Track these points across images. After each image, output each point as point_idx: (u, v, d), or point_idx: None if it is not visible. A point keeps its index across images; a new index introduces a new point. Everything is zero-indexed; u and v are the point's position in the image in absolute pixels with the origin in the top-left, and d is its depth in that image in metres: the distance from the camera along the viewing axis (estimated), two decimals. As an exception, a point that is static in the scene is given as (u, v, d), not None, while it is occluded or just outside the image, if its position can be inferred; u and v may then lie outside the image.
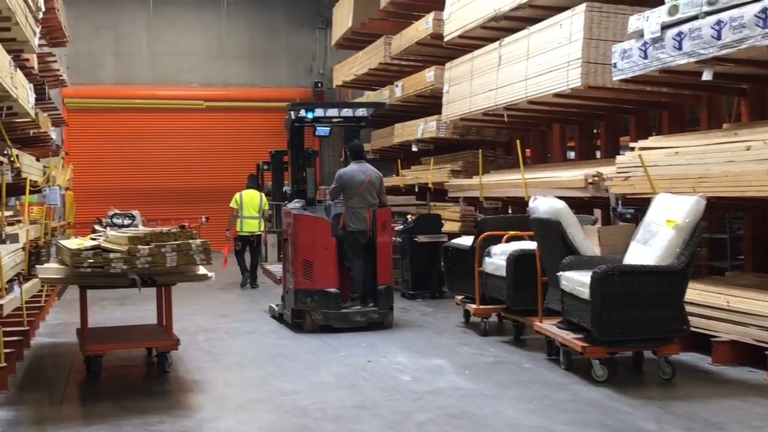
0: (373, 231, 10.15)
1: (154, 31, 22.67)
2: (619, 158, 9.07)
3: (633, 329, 6.98)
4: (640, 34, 8.03)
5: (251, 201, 14.62)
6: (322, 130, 11.35)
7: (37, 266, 8.80)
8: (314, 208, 10.82)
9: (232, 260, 15.06)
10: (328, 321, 9.95)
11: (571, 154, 13.84)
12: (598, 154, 12.49)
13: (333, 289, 9.98)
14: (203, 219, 17.57)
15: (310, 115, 10.83)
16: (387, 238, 10.41)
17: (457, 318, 10.57)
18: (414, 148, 15.94)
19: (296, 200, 10.73)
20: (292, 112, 10.97)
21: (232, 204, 14.71)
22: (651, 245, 7.09)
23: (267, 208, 14.55)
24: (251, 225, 14.60)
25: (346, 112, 11.10)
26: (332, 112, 11.02)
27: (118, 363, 8.35)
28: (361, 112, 11.10)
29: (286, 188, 11.90)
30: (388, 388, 7.13)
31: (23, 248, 8.92)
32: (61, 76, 13.47)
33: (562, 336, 7.55)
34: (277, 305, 11.09)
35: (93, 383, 7.56)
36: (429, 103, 14.93)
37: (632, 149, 9.06)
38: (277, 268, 11.88)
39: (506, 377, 7.46)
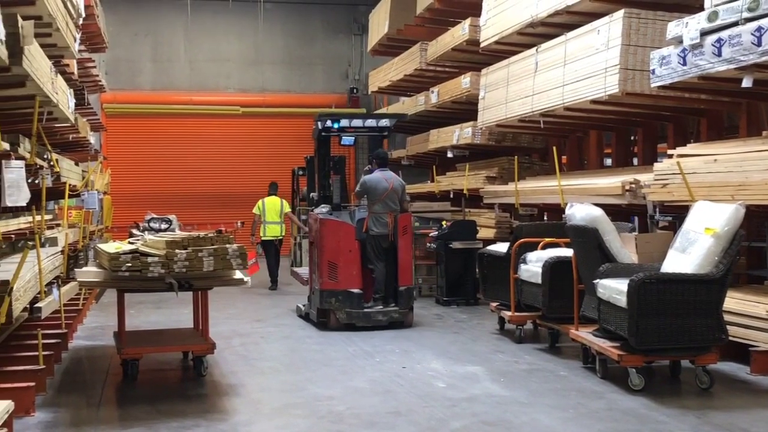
0: (394, 235, 10.64)
1: (192, 37, 22.87)
2: (656, 165, 9.01)
3: (670, 338, 6.91)
4: (679, 41, 7.97)
5: (273, 207, 15.39)
6: (347, 139, 11.92)
7: (75, 270, 8.89)
8: (339, 213, 11.28)
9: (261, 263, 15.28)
10: (351, 320, 10.45)
11: (608, 161, 13.75)
12: (635, 161, 12.40)
13: (356, 290, 10.49)
14: (239, 224, 17.79)
15: (335, 126, 11.48)
16: (408, 242, 10.83)
17: (491, 325, 10.53)
18: (449, 154, 15.91)
19: (322, 205, 11.30)
20: (319, 122, 11.53)
21: (255, 210, 15.47)
22: (689, 253, 7.02)
23: (288, 211, 15.33)
24: (273, 230, 15.37)
25: (371, 122, 11.84)
26: (357, 122, 11.73)
27: (155, 366, 8.41)
28: (384, 122, 11.81)
29: (313, 194, 12.36)
30: (422, 394, 7.13)
31: (62, 252, 9.03)
32: (100, 81, 13.61)
33: (598, 344, 7.50)
34: (303, 305, 11.58)
35: (130, 386, 7.62)
36: (464, 110, 14.91)
37: (670, 156, 8.99)
38: (304, 270, 12.36)
39: (541, 385, 7.42)
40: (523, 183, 12.59)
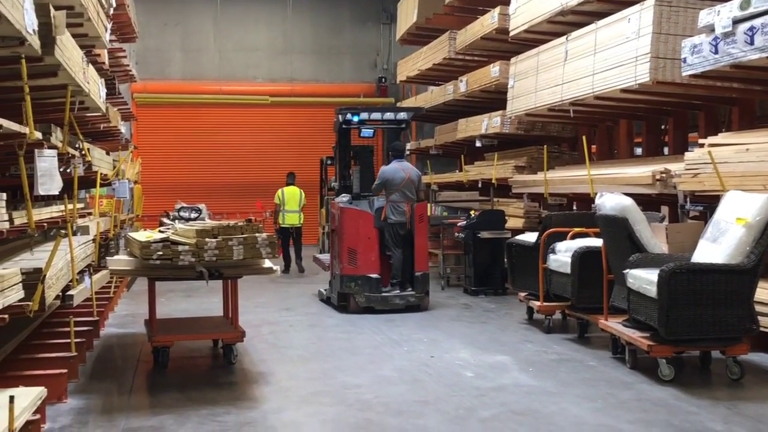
0: (411, 223, 11.23)
1: (221, 27, 22.93)
2: (687, 155, 8.94)
3: (701, 328, 6.88)
4: (710, 29, 7.89)
5: (292, 196, 16.33)
6: (367, 131, 12.48)
7: (107, 258, 8.97)
8: (359, 202, 11.78)
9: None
10: (370, 303, 11.04)
11: (638, 150, 13.65)
12: (665, 150, 12.31)
13: (375, 275, 11.12)
14: (268, 213, 17.95)
15: (355, 118, 12.05)
16: (424, 230, 11.44)
17: (520, 315, 10.52)
18: (478, 144, 15.86)
19: (343, 195, 11.85)
20: (339, 115, 12.10)
21: (275, 200, 16.42)
22: (720, 243, 6.97)
23: (305, 203, 16.48)
24: (292, 218, 16.31)
25: (389, 115, 12.30)
26: (376, 115, 12.25)
27: (185, 354, 8.48)
28: (402, 115, 12.39)
29: (334, 184, 12.73)
30: (450, 383, 7.14)
31: (94, 240, 9.11)
32: (130, 71, 13.69)
33: (627, 334, 7.47)
34: (325, 290, 12.10)
35: (160, 373, 7.69)
36: (493, 99, 14.86)
37: (701, 146, 8.92)
38: (326, 257, 12.88)
39: (570, 375, 7.40)
40: (552, 172, 12.54)
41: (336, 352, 8.59)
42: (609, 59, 9.82)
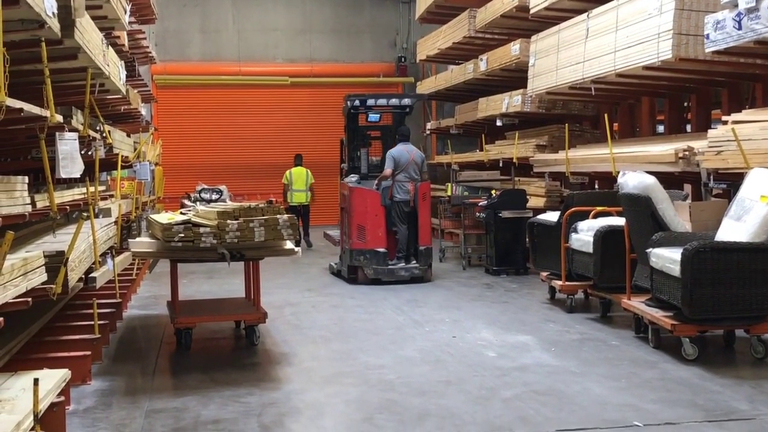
0: (415, 201, 12.10)
1: (240, 7, 22.88)
2: (711, 132, 8.84)
3: (725, 307, 6.84)
4: (734, 5, 7.78)
5: (299, 177, 17.50)
6: (374, 116, 13.50)
7: (129, 240, 9.01)
8: (367, 182, 12.70)
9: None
10: (378, 275, 11.93)
11: (660, 128, 13.54)
12: (688, 128, 12.20)
13: (382, 249, 12.03)
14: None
15: (361, 104, 13.08)
16: (427, 207, 12.31)
17: (542, 294, 10.49)
18: (498, 123, 15.78)
19: (351, 175, 12.84)
20: (348, 102, 13.06)
21: (284, 180, 17.63)
22: (744, 221, 6.91)
23: (313, 181, 17.50)
24: (299, 197, 17.46)
25: (394, 101, 13.39)
26: (382, 101, 13.30)
27: (208, 335, 8.52)
28: (406, 101, 13.44)
29: (343, 165, 13.62)
30: (473, 363, 7.13)
31: (115, 222, 9.14)
32: (150, 53, 13.69)
33: (650, 313, 7.43)
34: (335, 263, 13.02)
35: (183, 355, 7.74)
36: (514, 77, 14.77)
37: (725, 123, 8.81)
38: (335, 233, 13.73)
39: (593, 354, 7.38)
40: (574, 151, 12.46)
41: (358, 332, 8.60)
42: (631, 36, 9.72)
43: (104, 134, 8.19)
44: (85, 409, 5.98)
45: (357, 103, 13.05)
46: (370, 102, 13.12)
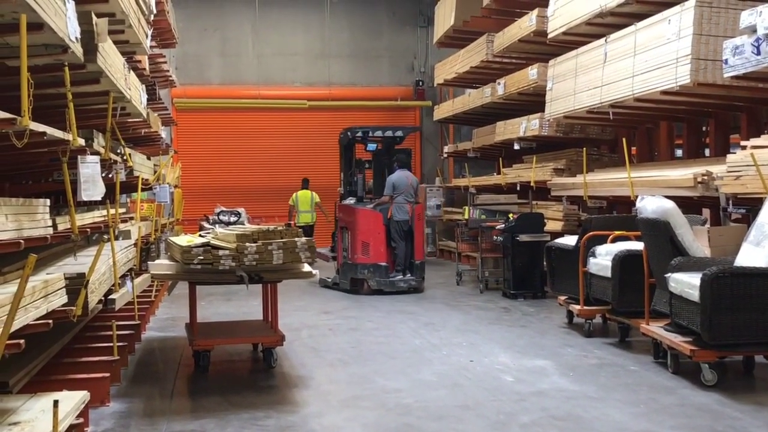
0: (411, 220, 13.62)
1: (260, 32, 23.04)
2: (729, 157, 8.82)
3: (744, 333, 6.79)
4: (752, 30, 7.78)
5: (305, 199, 18.48)
6: (371, 145, 14.97)
7: (148, 262, 9.05)
8: (363, 203, 14.18)
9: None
10: (380, 286, 13.39)
11: (679, 152, 13.51)
12: (707, 152, 12.17)
13: (383, 263, 13.52)
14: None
15: (360, 134, 14.59)
16: (420, 226, 14.02)
17: (559, 318, 10.46)
18: (516, 147, 15.79)
19: (350, 198, 14.42)
20: (348, 133, 14.58)
21: (290, 201, 18.64)
22: (764, 247, 6.88)
23: (318, 201, 18.52)
24: (305, 217, 18.34)
25: (389, 132, 14.73)
26: (378, 132, 14.67)
27: (225, 357, 8.54)
28: (399, 133, 14.85)
29: (340, 189, 15.10)
30: (491, 388, 7.11)
31: (135, 245, 9.19)
32: (170, 76, 13.82)
33: (670, 339, 7.40)
34: (329, 278, 14.28)
35: (201, 377, 7.75)
36: (531, 101, 14.80)
37: (743, 147, 8.79)
38: (324, 250, 14.78)
39: (612, 380, 7.35)
40: (592, 175, 12.45)
41: (375, 356, 8.60)
42: (649, 61, 9.73)
43: (125, 157, 8.26)
44: (104, 431, 6.00)
45: (358, 133, 14.61)
46: (366, 133, 14.64)
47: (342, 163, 15.05)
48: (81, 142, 5.83)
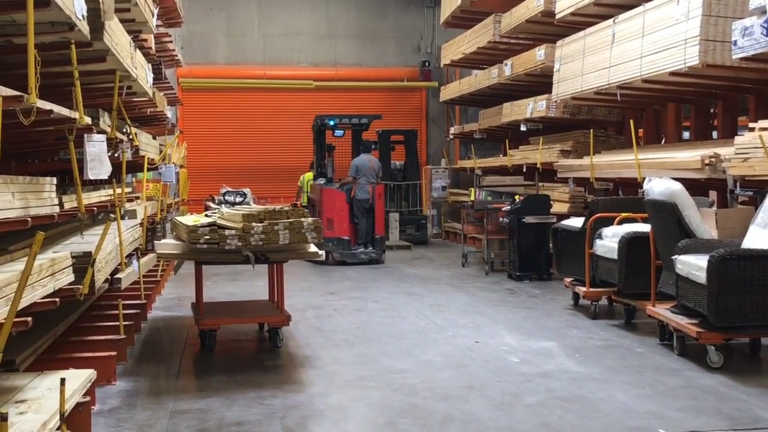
0: (372, 199, 15.12)
1: (265, 11, 22.97)
2: (737, 139, 8.78)
3: (751, 315, 6.79)
4: (762, 11, 7.72)
5: (311, 180, 18.45)
6: (339, 132, 16.91)
7: (154, 242, 9.05)
8: (332, 184, 15.85)
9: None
10: (343, 258, 14.88)
11: (686, 135, 13.46)
12: (714, 134, 12.12)
13: (346, 237, 14.97)
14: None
15: (330, 122, 16.56)
16: (381, 205, 15.43)
17: (565, 300, 10.46)
18: (522, 128, 15.75)
19: (320, 179, 16.29)
20: (318, 120, 16.62)
21: (299, 183, 19.37)
22: (772, 229, 6.86)
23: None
24: None
25: (354, 120, 16.81)
26: (345, 120, 16.73)
27: (231, 337, 8.55)
28: (364, 120, 16.88)
29: (312, 171, 17.07)
30: (496, 369, 7.12)
31: (141, 224, 9.20)
32: (176, 56, 13.78)
33: (676, 321, 7.39)
34: None
35: (207, 356, 7.77)
36: (538, 82, 14.74)
37: (752, 129, 8.75)
38: None
39: (617, 361, 7.35)
40: (599, 157, 12.41)
41: (381, 336, 8.60)
42: (657, 42, 9.68)
43: (131, 136, 8.25)
44: (110, 410, 6.02)
45: (327, 122, 16.57)
46: (336, 121, 16.63)
47: (315, 147, 16.97)
48: (87, 120, 5.81)
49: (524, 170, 15.64)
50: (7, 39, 5.09)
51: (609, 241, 8.95)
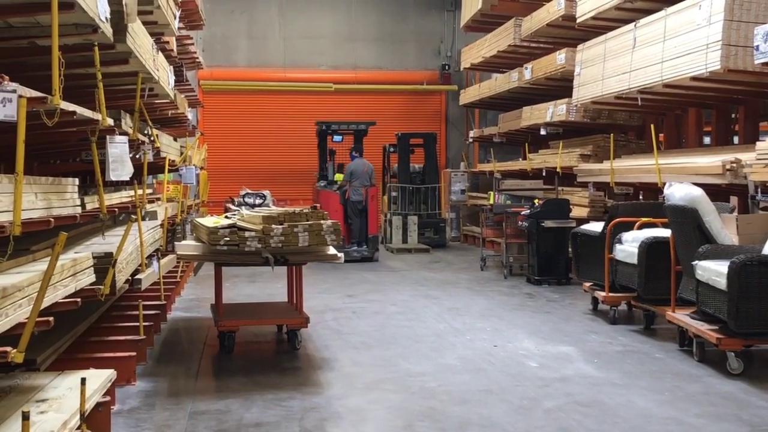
0: (366, 201, 15.95)
1: (286, 14, 23.04)
2: (759, 144, 8.73)
3: (772, 322, 6.74)
4: (785, 16, 7.70)
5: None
6: (337, 137, 18.26)
7: (175, 243, 9.09)
8: (332, 186, 17.03)
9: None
10: None
11: (707, 140, 13.40)
12: (735, 139, 12.06)
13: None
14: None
15: (328, 128, 17.94)
16: (374, 206, 16.28)
17: (584, 305, 10.43)
18: (542, 132, 15.72)
19: (321, 180, 17.69)
20: (321, 125, 18.05)
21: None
22: (793, 235, 6.82)
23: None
24: None
25: (353, 126, 18.03)
26: (343, 126, 18.13)
27: (250, 339, 8.58)
28: (362, 126, 17.95)
29: (317, 174, 18.36)
30: (514, 373, 7.11)
31: (161, 225, 9.24)
32: (197, 58, 13.84)
33: (696, 327, 7.36)
34: None
35: (226, 358, 7.80)
36: (559, 86, 14.72)
37: (774, 135, 8.72)
38: None
39: (636, 367, 7.32)
40: (619, 161, 12.37)
41: (399, 339, 8.61)
42: (679, 46, 9.64)
43: (152, 138, 8.30)
44: (130, 410, 6.05)
45: (324, 128, 17.95)
46: (335, 127, 18.03)
47: (318, 151, 18.31)
48: (110, 121, 5.85)
49: (544, 174, 15.60)
50: (32, 41, 5.13)
51: (629, 246, 8.91)
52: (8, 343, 4.09)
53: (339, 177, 18.37)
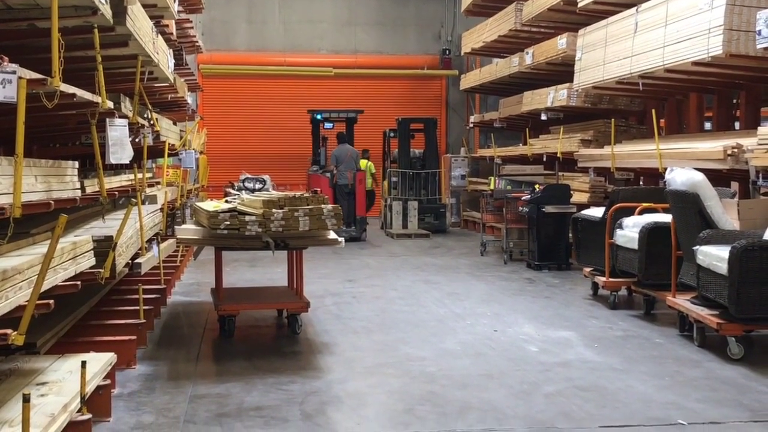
0: (353, 185, 17.00)
1: (286, -2, 22.98)
2: (761, 129, 8.70)
3: (772, 307, 6.74)
4: (788, 0, 7.66)
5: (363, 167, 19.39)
6: (328, 124, 18.77)
7: (175, 227, 9.08)
8: (324, 171, 17.65)
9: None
10: None
11: (708, 125, 13.37)
12: (737, 125, 12.03)
13: None
14: None
15: (320, 116, 18.45)
16: (361, 189, 17.14)
17: (584, 290, 10.43)
18: (543, 117, 15.69)
19: (313, 166, 18.27)
20: (313, 114, 18.46)
21: (363, 168, 19.23)
22: (795, 220, 6.80)
23: (373, 171, 19.99)
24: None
25: (342, 114, 18.71)
26: (334, 114, 18.77)
27: (250, 323, 8.58)
28: (351, 114, 18.55)
29: (310, 159, 18.63)
30: (515, 358, 7.11)
31: (161, 209, 9.23)
32: (197, 42, 13.78)
33: (696, 312, 7.35)
34: None
35: (226, 342, 7.80)
36: (560, 71, 14.67)
37: (775, 120, 8.69)
38: None
39: (636, 352, 7.32)
40: (620, 146, 12.34)
41: (399, 324, 8.61)
42: (680, 31, 9.60)
43: (152, 122, 8.27)
44: (130, 393, 6.05)
45: (317, 116, 18.50)
46: (326, 115, 18.58)
47: (312, 138, 18.73)
48: (110, 104, 5.83)
49: (544, 159, 15.57)
50: (31, 23, 5.10)
51: (629, 231, 8.90)
52: (8, 326, 4.09)
53: (364, 163, 19.00)
